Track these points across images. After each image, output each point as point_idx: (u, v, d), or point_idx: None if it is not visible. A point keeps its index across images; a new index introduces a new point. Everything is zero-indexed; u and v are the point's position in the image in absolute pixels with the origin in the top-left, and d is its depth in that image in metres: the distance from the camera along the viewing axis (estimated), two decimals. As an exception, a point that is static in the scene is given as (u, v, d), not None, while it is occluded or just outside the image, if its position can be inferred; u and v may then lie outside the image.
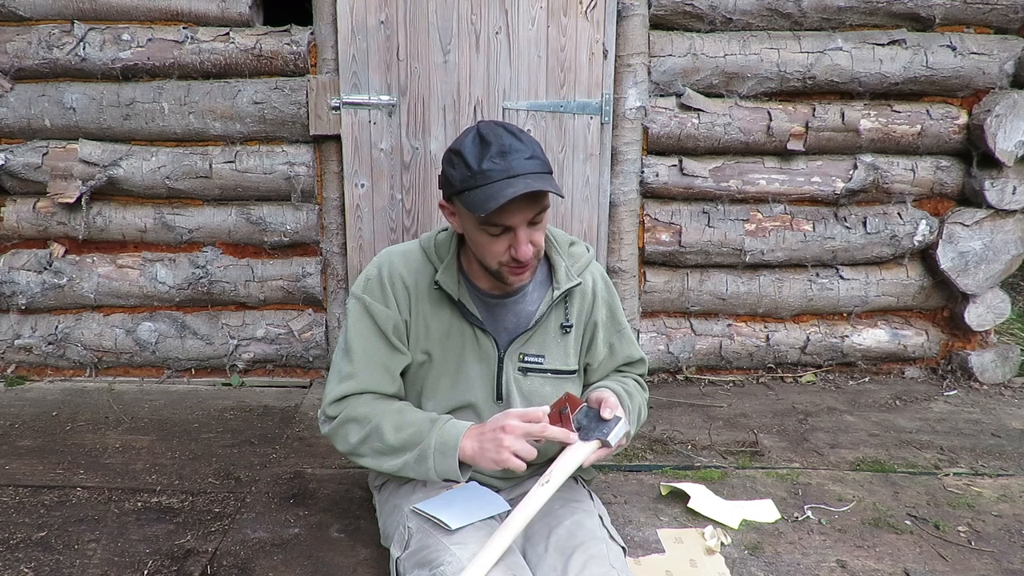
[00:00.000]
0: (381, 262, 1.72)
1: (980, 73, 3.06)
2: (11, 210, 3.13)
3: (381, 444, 1.58)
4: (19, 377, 3.20)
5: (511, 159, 1.46)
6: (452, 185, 1.51)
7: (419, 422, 1.58)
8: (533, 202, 1.48)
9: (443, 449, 1.51)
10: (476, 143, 1.49)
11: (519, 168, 1.45)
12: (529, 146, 1.50)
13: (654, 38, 3.00)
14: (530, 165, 1.47)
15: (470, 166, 1.47)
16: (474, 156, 1.48)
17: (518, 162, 1.46)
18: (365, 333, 1.67)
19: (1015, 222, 3.20)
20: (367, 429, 1.60)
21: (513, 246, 1.51)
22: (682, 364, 3.28)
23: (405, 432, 1.57)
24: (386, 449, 1.58)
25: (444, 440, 1.52)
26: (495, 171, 1.45)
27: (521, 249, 1.50)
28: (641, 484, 2.38)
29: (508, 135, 1.49)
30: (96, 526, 2.08)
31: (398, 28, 2.90)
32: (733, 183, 3.13)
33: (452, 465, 1.50)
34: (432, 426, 1.56)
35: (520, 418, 1.48)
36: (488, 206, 1.42)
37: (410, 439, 1.56)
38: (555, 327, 1.73)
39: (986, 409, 3.04)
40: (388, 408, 1.63)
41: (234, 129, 3.03)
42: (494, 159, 1.45)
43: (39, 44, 2.95)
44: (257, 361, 3.23)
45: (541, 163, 1.50)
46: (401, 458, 1.56)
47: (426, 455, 1.53)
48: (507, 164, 1.45)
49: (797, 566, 1.96)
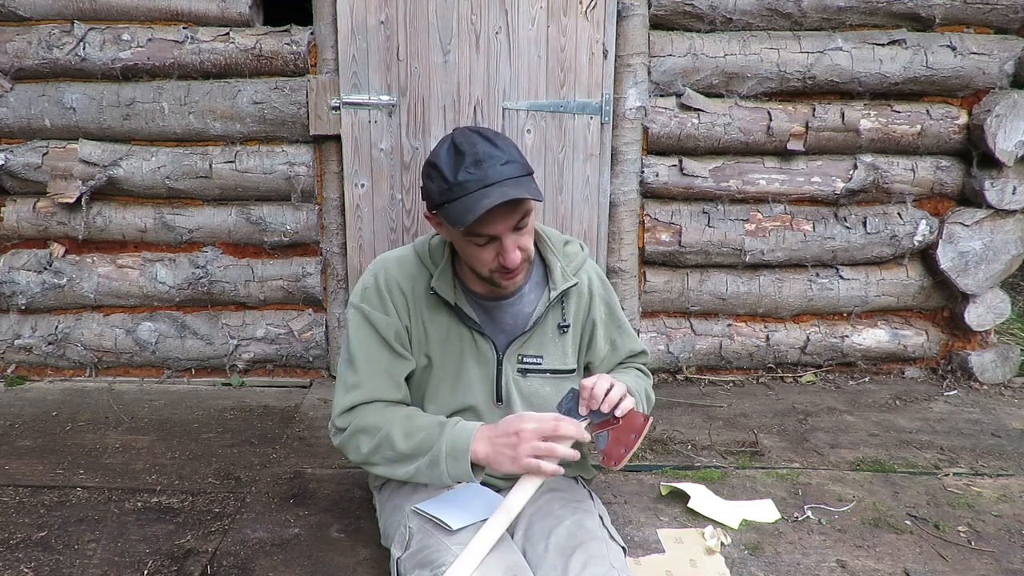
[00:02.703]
0: (376, 270, 1.72)
1: (980, 73, 3.06)
2: (11, 210, 3.13)
3: (392, 452, 1.57)
4: (19, 377, 3.20)
5: (486, 168, 1.45)
6: (432, 199, 1.52)
7: (428, 427, 1.57)
8: (513, 209, 1.47)
9: (455, 453, 1.50)
10: (451, 154, 1.48)
11: (495, 176, 1.44)
12: (505, 150, 1.48)
13: (654, 38, 3.00)
14: (507, 171, 1.46)
15: (446, 178, 1.47)
16: (449, 168, 1.47)
17: (493, 169, 1.45)
18: (367, 342, 1.67)
19: (1015, 222, 3.20)
20: (377, 438, 1.59)
21: (500, 254, 1.51)
22: (682, 364, 3.28)
23: (415, 439, 1.56)
24: (398, 457, 1.57)
25: (455, 444, 1.51)
26: (471, 182, 1.44)
27: (508, 257, 1.50)
28: (641, 484, 2.38)
29: (483, 142, 1.48)
30: (96, 526, 2.08)
31: (398, 28, 2.90)
32: (733, 183, 3.13)
33: (465, 468, 1.49)
34: (441, 430, 1.54)
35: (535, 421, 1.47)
36: (467, 219, 1.42)
37: (420, 445, 1.54)
38: (552, 327, 1.73)
39: (986, 409, 3.04)
40: (396, 415, 1.62)
41: (234, 129, 3.03)
42: (469, 169, 1.45)
43: (39, 44, 2.95)
44: (257, 361, 3.23)
45: (518, 166, 1.49)
46: (413, 464, 1.55)
47: (438, 460, 1.51)
48: (482, 173, 1.44)
49: (797, 566, 1.96)
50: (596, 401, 1.50)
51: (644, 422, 1.50)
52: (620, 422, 1.51)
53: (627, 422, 1.51)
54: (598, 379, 1.54)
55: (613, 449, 1.50)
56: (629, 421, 1.51)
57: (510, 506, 1.47)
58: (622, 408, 1.51)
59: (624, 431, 1.50)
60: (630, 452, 1.49)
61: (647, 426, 1.50)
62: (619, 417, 1.51)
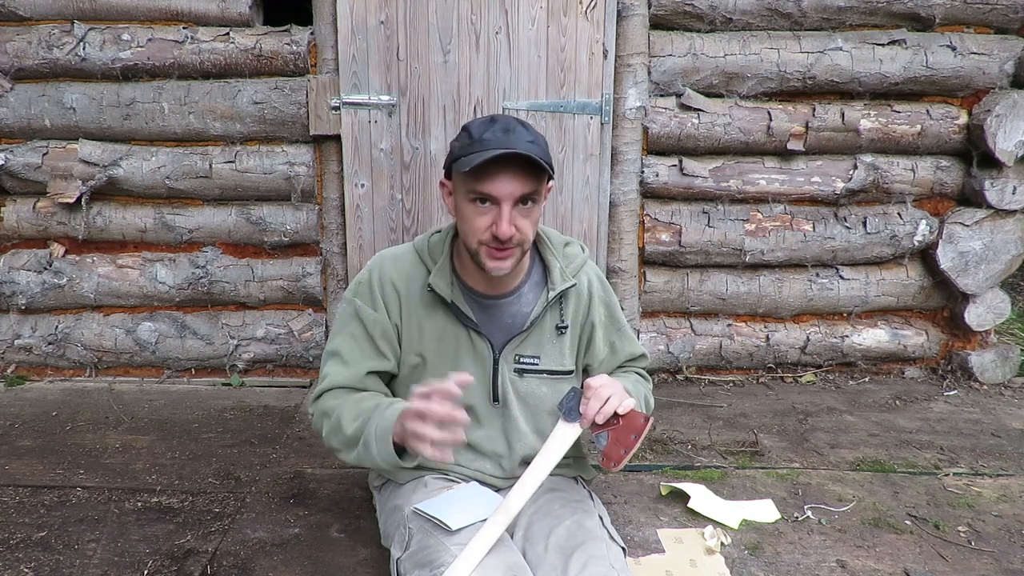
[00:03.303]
0: (373, 266, 1.73)
1: (980, 73, 3.06)
2: (11, 210, 3.13)
3: (342, 436, 1.58)
4: (19, 377, 3.20)
5: (512, 137, 1.48)
6: (452, 154, 1.56)
7: (369, 409, 1.55)
8: (523, 177, 1.48)
9: (381, 435, 1.48)
10: (485, 121, 1.54)
11: (518, 144, 1.47)
12: (535, 136, 1.52)
13: (654, 38, 3.00)
14: (531, 147, 1.47)
15: (472, 135, 1.51)
16: (478, 128, 1.52)
17: (519, 140, 1.48)
18: (351, 336, 1.70)
19: (1015, 222, 3.20)
20: (332, 422, 1.61)
21: (496, 222, 1.50)
22: (682, 364, 3.28)
23: (358, 421, 1.55)
24: (347, 440, 1.57)
25: (381, 426, 1.49)
26: (493, 141, 1.47)
27: (503, 226, 1.48)
28: (641, 484, 2.38)
29: (517, 123, 1.53)
30: (96, 526, 2.08)
31: (398, 28, 2.90)
32: (733, 183, 3.13)
33: (388, 450, 1.46)
34: (374, 412, 1.52)
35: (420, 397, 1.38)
36: (475, 160, 1.44)
37: (359, 428, 1.54)
38: (550, 328, 1.73)
39: (986, 409, 3.04)
40: (349, 399, 1.62)
41: (234, 129, 3.03)
42: (496, 132, 1.48)
43: (39, 44, 2.95)
44: (257, 361, 3.23)
45: (542, 150, 1.51)
46: (355, 449, 1.55)
47: (369, 443, 1.50)
48: (507, 139, 1.47)
49: (797, 566, 1.96)
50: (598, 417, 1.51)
51: (644, 423, 1.50)
52: (621, 422, 1.51)
53: (627, 423, 1.51)
54: (601, 381, 1.55)
55: (613, 450, 1.50)
56: (629, 422, 1.51)
57: (510, 506, 1.47)
58: (624, 406, 1.52)
59: (624, 432, 1.50)
60: (630, 453, 1.49)
61: (647, 427, 1.50)
62: (620, 416, 1.51)
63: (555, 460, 1.53)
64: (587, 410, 1.52)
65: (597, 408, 1.51)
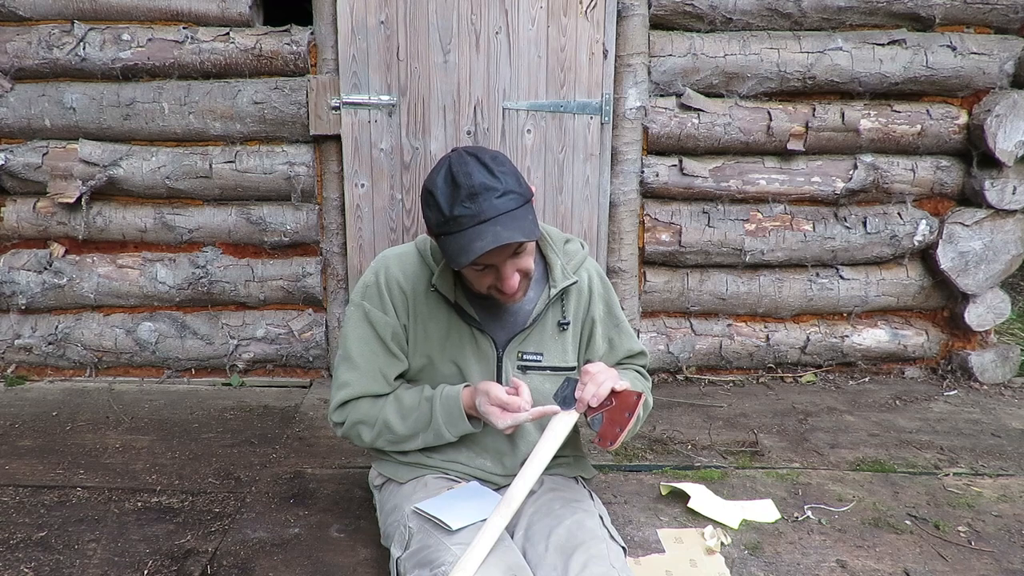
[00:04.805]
0: (378, 268, 1.74)
1: (980, 73, 3.06)
2: (11, 210, 3.13)
3: (393, 435, 1.70)
4: (19, 377, 3.20)
5: (481, 202, 1.43)
6: (430, 227, 1.55)
7: (418, 406, 1.68)
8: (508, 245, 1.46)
9: (452, 420, 1.65)
10: (447, 183, 1.47)
11: (489, 211, 1.43)
12: (502, 180, 1.46)
13: (654, 38, 3.00)
14: (502, 204, 1.44)
15: (442, 211, 1.46)
16: (445, 200, 1.46)
17: (488, 204, 1.43)
18: (364, 340, 1.71)
19: (1015, 222, 3.20)
20: (377, 427, 1.70)
21: (499, 280, 1.53)
22: (682, 364, 3.28)
23: (410, 419, 1.68)
24: (400, 438, 1.70)
25: (449, 412, 1.65)
26: (465, 217, 1.44)
27: (506, 284, 1.52)
28: (641, 484, 2.38)
29: (479, 170, 1.45)
30: (96, 526, 2.08)
31: (398, 28, 2.90)
32: (733, 183, 3.13)
33: (466, 427, 1.65)
34: (431, 405, 1.67)
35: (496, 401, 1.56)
36: (460, 260, 1.45)
37: (418, 422, 1.68)
38: (552, 325, 1.74)
39: (986, 409, 3.04)
40: (387, 402, 1.71)
41: (234, 129, 3.03)
42: (464, 203, 1.44)
43: (39, 44, 2.95)
44: (257, 361, 3.23)
45: (516, 197, 1.47)
46: (419, 439, 1.70)
47: (440, 432, 1.66)
48: (477, 208, 1.43)
49: (797, 566, 1.96)
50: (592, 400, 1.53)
51: (636, 399, 1.53)
52: (615, 402, 1.52)
53: (620, 402, 1.53)
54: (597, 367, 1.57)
55: (608, 430, 1.53)
56: (622, 401, 1.53)
57: (512, 497, 1.47)
58: (619, 385, 1.53)
59: (618, 411, 1.53)
60: (625, 431, 1.50)
61: (640, 403, 1.52)
62: (615, 395, 1.52)
63: (554, 448, 1.54)
64: (583, 394, 1.53)
65: (593, 391, 1.52)
